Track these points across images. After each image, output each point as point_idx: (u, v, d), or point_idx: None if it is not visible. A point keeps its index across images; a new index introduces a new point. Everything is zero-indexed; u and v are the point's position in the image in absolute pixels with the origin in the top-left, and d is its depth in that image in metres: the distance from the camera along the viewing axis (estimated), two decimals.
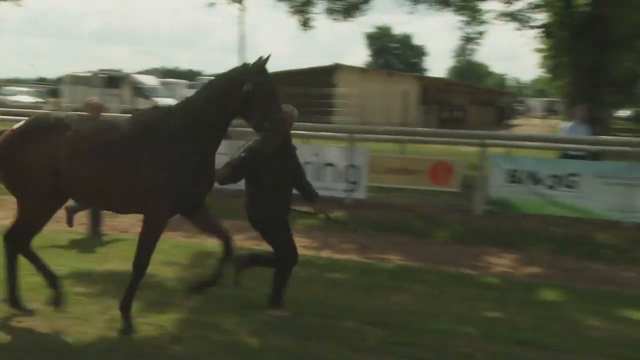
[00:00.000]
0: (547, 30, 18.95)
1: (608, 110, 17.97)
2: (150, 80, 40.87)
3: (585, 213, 10.51)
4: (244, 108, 5.12)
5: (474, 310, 6.27)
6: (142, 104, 36.25)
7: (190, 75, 71.84)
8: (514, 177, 10.88)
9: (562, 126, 12.69)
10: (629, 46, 23.88)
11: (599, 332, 5.81)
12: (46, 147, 5.27)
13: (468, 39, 21.04)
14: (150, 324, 5.38)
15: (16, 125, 5.58)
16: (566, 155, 11.57)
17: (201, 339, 5.15)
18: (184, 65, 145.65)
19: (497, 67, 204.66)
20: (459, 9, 19.00)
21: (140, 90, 37.89)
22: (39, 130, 5.42)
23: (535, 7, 18.26)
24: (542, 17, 18.89)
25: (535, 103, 73.63)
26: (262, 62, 5.16)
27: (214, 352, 4.91)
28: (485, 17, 19.15)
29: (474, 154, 11.89)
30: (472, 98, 51.49)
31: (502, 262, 8.74)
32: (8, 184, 5.58)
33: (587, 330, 5.83)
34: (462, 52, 25.67)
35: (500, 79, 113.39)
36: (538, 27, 19.01)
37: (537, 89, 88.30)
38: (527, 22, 18.60)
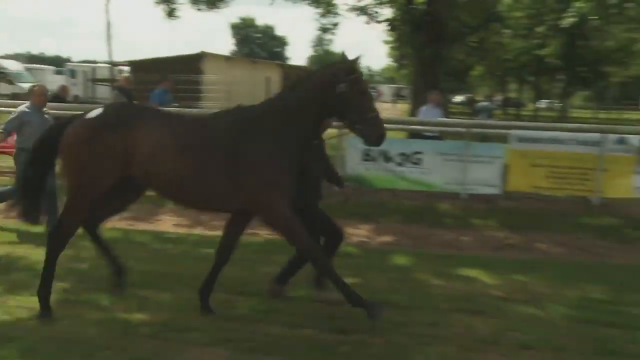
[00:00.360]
0: (392, 25, 19.54)
1: (446, 96, 18.83)
2: (14, 65, 38.26)
3: (428, 186, 10.99)
4: (338, 108, 4.76)
5: None
6: (5, 89, 34.00)
7: (57, 62, 67.58)
8: (368, 156, 11.10)
9: (420, 109, 13.15)
10: (461, 41, 25.09)
11: (442, 289, 6.13)
12: (125, 138, 4.71)
13: (324, 30, 21.31)
14: (21, 306, 5.12)
15: (92, 112, 4.96)
16: (421, 136, 12.05)
17: (75, 317, 4.95)
18: (50, 51, 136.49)
19: (351, 56, 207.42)
20: (314, 2, 19.18)
21: (3, 75, 35.45)
22: (120, 119, 4.84)
23: (381, 2, 18.75)
24: (387, 12, 19.44)
25: (386, 89, 75.71)
26: (353, 61, 4.82)
27: (89, 330, 4.73)
28: (338, 10, 19.48)
29: (332, 135, 12.03)
30: None
31: (359, 233, 8.97)
32: (69, 174, 4.91)
33: (432, 289, 6.13)
34: (319, 42, 26.03)
35: None
36: (384, 21, 19.55)
37: (386, 76, 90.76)
38: (375, 16, 19.07)
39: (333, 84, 4.70)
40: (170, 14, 19.23)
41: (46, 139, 5.08)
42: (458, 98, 56.83)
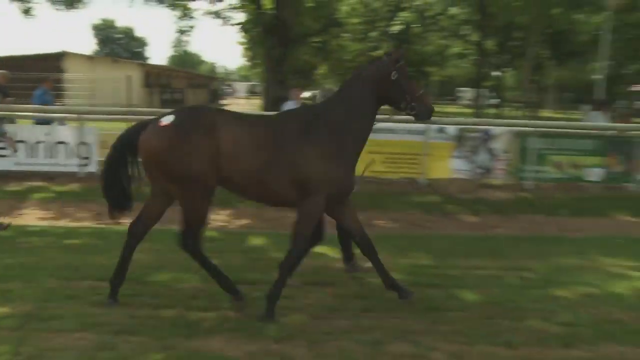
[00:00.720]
0: (244, 28, 19.46)
1: (293, 91, 19.06)
2: None
3: None
4: (394, 94, 4.88)
5: None
6: None
7: None
8: None
9: (284, 104, 13.16)
10: (306, 43, 25.37)
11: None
12: (212, 139, 4.51)
13: (181, 32, 20.79)
14: None
15: (166, 119, 4.58)
16: None
17: None
18: None
19: (208, 56, 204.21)
20: (171, 5, 18.66)
21: None
22: (203, 121, 4.59)
23: (234, 8, 18.62)
24: (240, 16, 19.31)
25: (240, 86, 75.23)
26: (399, 52, 4.99)
27: None
28: (194, 13, 19.10)
29: None
30: (189, 82, 51.04)
31: (219, 218, 8.81)
32: (169, 179, 4.58)
33: None
34: (178, 43, 25.35)
35: (212, 66, 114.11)
36: (237, 24, 19.43)
37: (241, 74, 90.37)
38: (229, 20, 18.90)
39: (388, 74, 4.85)
40: (27, 12, 17.82)
41: (121, 146, 4.77)
42: (305, 94, 57.68)
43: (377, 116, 5.00)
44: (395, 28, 31.36)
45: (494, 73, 43.61)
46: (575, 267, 6.39)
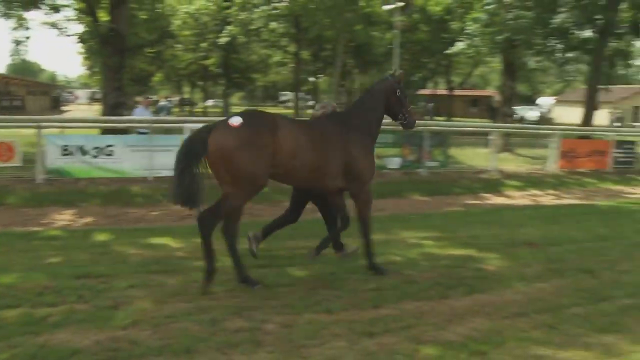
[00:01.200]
0: (82, 38, 18.17)
1: (132, 98, 18.17)
2: None
3: (121, 173, 10.65)
4: (394, 107, 5.47)
5: (41, 258, 5.75)
6: None
7: None
8: (66, 151, 10.37)
9: (134, 110, 12.66)
10: (141, 53, 24.21)
11: (138, 257, 5.90)
12: (277, 137, 4.64)
13: (17, 43, 18.83)
14: None
15: (235, 120, 4.58)
16: (138, 132, 11.75)
17: None
18: None
19: (49, 64, 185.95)
20: (5, 15, 16.76)
21: None
22: (268, 123, 4.68)
23: (70, 19, 17.31)
24: (77, 28, 18.03)
25: (82, 93, 69.77)
26: (402, 75, 5.59)
27: None
28: (30, 24, 17.32)
29: (32, 135, 10.87)
30: (29, 90, 46.26)
31: (62, 218, 8.18)
32: (233, 176, 4.60)
33: (129, 257, 5.86)
34: (16, 52, 22.96)
35: (52, 74, 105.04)
36: (75, 35, 18.11)
37: (82, 82, 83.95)
38: (66, 30, 17.48)
39: (394, 91, 5.45)
40: None
41: (192, 147, 4.60)
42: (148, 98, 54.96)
43: None
44: (223, 39, 31.05)
45: (310, 79, 45.01)
46: (381, 241, 6.74)
